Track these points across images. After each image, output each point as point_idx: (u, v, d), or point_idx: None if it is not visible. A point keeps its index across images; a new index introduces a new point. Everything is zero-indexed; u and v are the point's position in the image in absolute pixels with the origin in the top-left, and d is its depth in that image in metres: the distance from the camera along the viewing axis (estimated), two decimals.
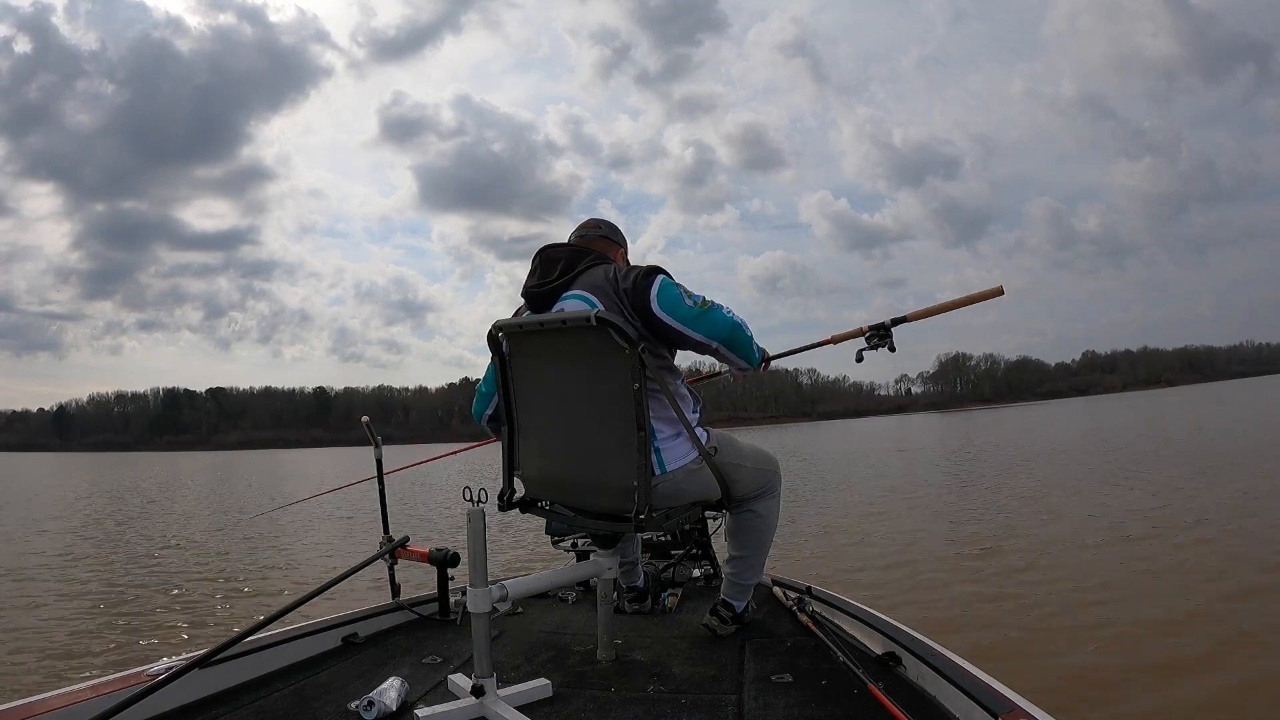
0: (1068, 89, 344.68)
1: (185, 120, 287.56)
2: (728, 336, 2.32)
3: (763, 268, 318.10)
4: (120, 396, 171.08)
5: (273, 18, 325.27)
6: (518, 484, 2.50)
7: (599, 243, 2.58)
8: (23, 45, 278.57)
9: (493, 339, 2.38)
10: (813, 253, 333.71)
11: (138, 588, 8.51)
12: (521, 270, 2.50)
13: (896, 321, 2.94)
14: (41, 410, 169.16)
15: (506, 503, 2.46)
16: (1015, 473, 16.66)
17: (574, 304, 2.27)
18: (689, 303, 2.26)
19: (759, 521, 2.60)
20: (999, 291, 3.01)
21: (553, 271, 2.37)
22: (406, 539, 2.94)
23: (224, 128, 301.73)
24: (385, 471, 3.16)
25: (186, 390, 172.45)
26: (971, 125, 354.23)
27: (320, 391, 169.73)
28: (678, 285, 2.28)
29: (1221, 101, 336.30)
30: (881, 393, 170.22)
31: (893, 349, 2.90)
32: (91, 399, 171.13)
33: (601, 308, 2.23)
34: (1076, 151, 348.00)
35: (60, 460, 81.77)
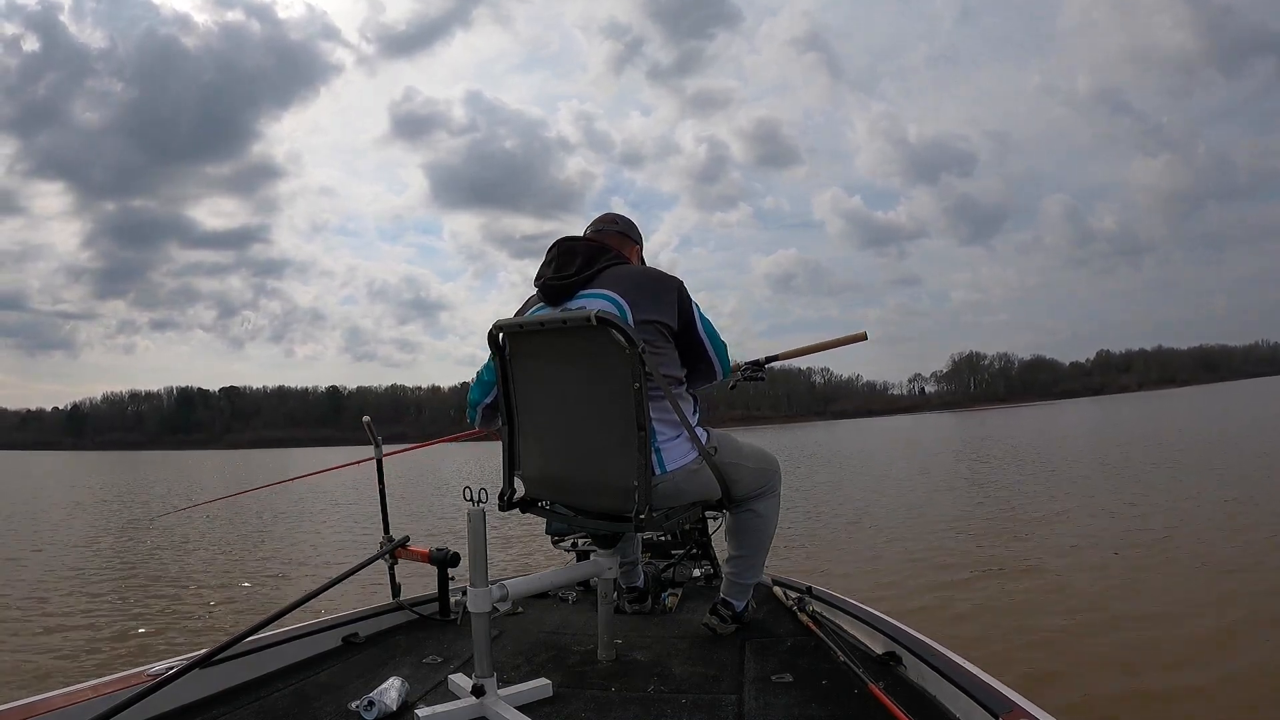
0: (1083, 84, 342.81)
1: (194, 118, 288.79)
2: (726, 374, 2.56)
3: (776, 265, 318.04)
4: (134, 395, 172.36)
5: (281, 14, 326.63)
6: (518, 484, 2.49)
7: (615, 238, 2.58)
8: (31, 44, 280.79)
9: (493, 339, 2.38)
10: (826, 251, 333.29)
11: (138, 588, 8.54)
12: (534, 268, 2.49)
13: (770, 359, 3.33)
14: (56, 409, 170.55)
15: (507, 502, 2.45)
16: (1024, 475, 16.58)
17: (596, 302, 2.25)
18: (720, 336, 2.46)
19: (759, 521, 2.59)
20: (863, 336, 3.42)
21: (571, 265, 2.35)
22: (407, 539, 2.95)
23: (233, 125, 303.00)
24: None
25: (200, 389, 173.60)
26: (986, 121, 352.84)
27: (333, 390, 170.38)
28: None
29: (1240, 96, 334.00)
30: (895, 392, 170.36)
31: (762, 380, 3.27)
32: (105, 398, 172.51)
33: (626, 306, 2.23)
34: (1093, 148, 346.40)
35: (66, 459, 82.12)
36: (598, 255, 2.37)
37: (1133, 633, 5.12)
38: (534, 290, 2.46)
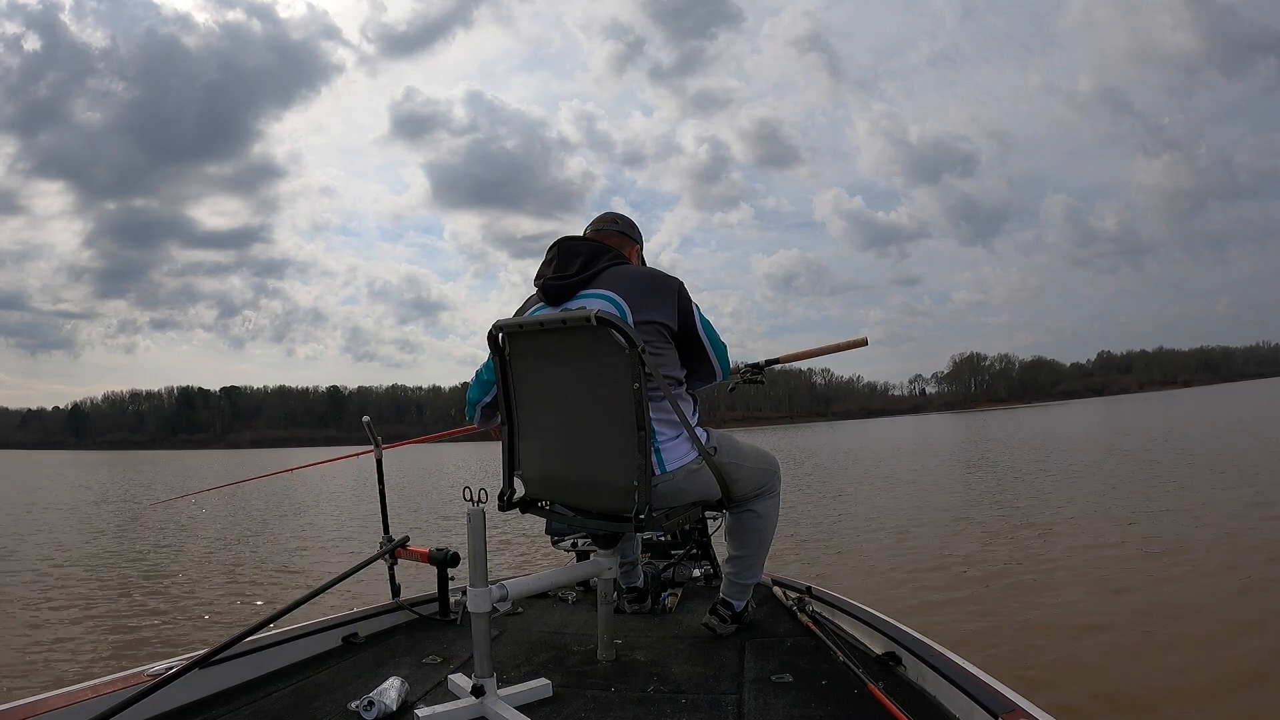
0: (1085, 84, 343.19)
1: (195, 118, 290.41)
2: (726, 375, 2.56)
3: (777, 266, 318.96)
4: (135, 395, 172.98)
5: (282, 14, 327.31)
6: (518, 484, 2.49)
7: (615, 238, 2.57)
8: (32, 43, 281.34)
9: (493, 339, 2.38)
10: (828, 251, 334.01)
11: (138, 587, 8.53)
12: (534, 269, 2.50)
13: (770, 362, 3.31)
14: (57, 409, 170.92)
15: (506, 503, 2.45)
16: (1026, 473, 16.55)
17: (596, 302, 2.25)
18: (720, 337, 2.46)
19: (759, 521, 2.59)
20: (863, 341, 3.41)
21: (572, 265, 2.35)
22: (406, 539, 2.95)
23: (234, 125, 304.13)
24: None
25: (201, 389, 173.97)
26: (988, 121, 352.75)
27: (334, 390, 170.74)
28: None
29: (1242, 96, 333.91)
30: (896, 392, 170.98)
31: (761, 383, 3.30)
32: (106, 397, 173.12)
33: (626, 306, 2.24)
34: (1095, 147, 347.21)
35: (68, 459, 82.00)
36: (598, 255, 2.37)
37: (1154, 651, 5.07)
38: (534, 290, 2.46)
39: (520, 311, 2.51)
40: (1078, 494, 12.39)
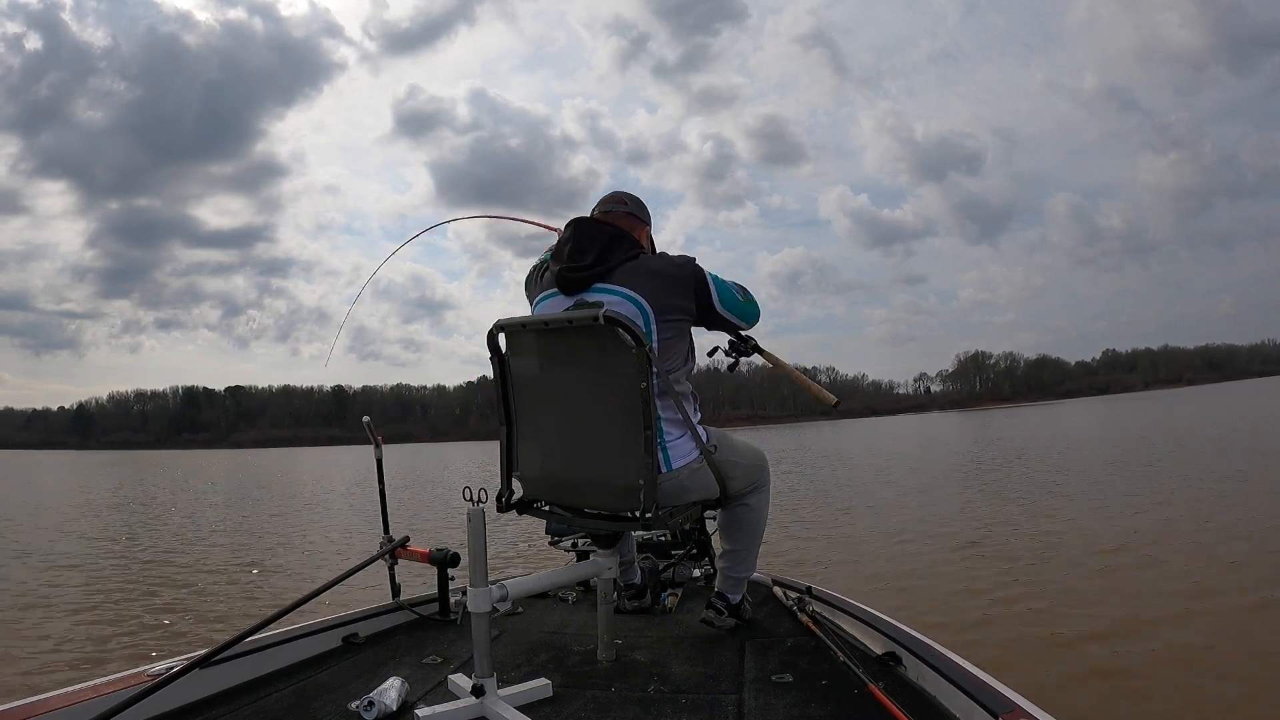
0: (1090, 81, 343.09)
1: (197, 117, 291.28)
2: (757, 320, 2.68)
3: (782, 264, 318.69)
4: (140, 395, 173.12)
5: (284, 12, 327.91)
6: (516, 485, 2.50)
7: (624, 219, 2.54)
8: (33, 43, 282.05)
9: (492, 339, 2.38)
10: (833, 249, 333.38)
11: (138, 588, 8.56)
12: None
13: (757, 350, 2.91)
14: (62, 409, 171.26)
15: (505, 504, 2.46)
16: (1028, 473, 16.51)
17: (614, 298, 2.25)
18: (738, 296, 2.53)
19: (752, 515, 2.61)
20: (833, 401, 2.98)
21: (588, 254, 2.34)
22: (407, 539, 2.94)
23: (237, 124, 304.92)
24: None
25: (205, 389, 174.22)
26: (993, 119, 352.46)
27: (338, 390, 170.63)
28: (718, 276, 2.47)
29: (1248, 93, 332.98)
30: (900, 391, 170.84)
31: (735, 361, 2.88)
32: (111, 397, 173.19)
33: (649, 306, 2.25)
34: (1099, 146, 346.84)
35: (73, 458, 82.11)
36: (615, 244, 2.37)
37: (1138, 632, 5.07)
38: (541, 263, 2.49)
39: (528, 284, 2.54)
40: (1083, 494, 12.35)
